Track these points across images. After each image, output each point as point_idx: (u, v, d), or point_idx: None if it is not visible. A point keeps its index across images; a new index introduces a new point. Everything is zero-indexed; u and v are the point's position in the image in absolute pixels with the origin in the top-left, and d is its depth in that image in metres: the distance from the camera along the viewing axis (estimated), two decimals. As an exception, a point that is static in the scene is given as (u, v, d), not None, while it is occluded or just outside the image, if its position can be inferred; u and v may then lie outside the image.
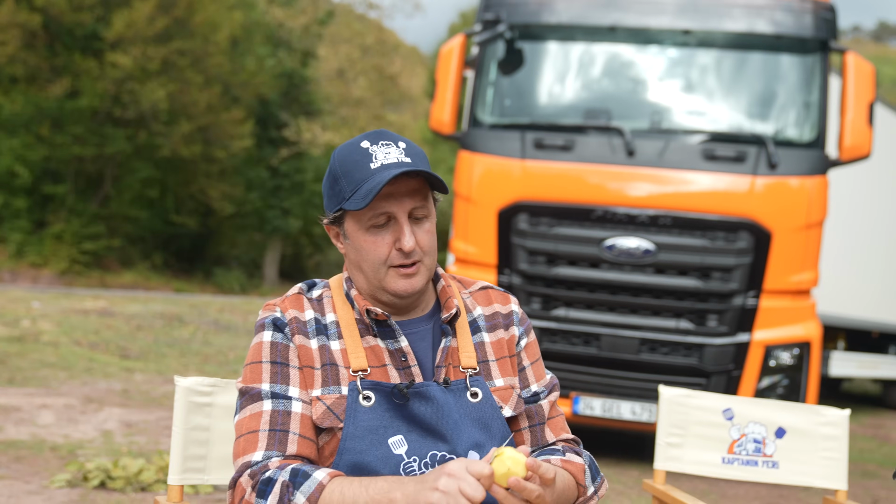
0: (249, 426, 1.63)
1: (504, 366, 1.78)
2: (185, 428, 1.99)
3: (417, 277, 1.71)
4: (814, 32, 6.26)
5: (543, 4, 6.61)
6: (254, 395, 1.66)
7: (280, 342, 1.69)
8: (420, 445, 1.63)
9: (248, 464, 1.59)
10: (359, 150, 1.69)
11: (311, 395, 1.66)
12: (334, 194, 1.72)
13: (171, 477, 2.00)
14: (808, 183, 6.13)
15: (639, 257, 6.13)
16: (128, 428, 6.47)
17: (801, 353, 6.16)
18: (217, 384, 2.06)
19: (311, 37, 29.66)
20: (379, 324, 1.72)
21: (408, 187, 1.68)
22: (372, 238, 1.69)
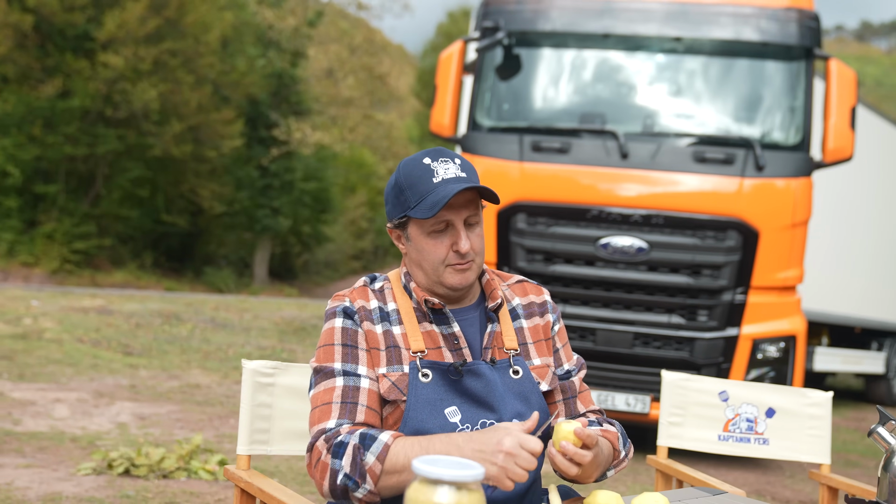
0: (324, 399, 1.90)
1: (540, 348, 2.07)
2: (251, 405, 2.26)
3: (470, 273, 1.98)
4: (799, 40, 6.55)
5: (540, 13, 6.88)
6: (327, 372, 1.92)
7: (350, 327, 1.96)
8: (471, 415, 1.91)
9: (323, 430, 1.86)
10: (421, 165, 1.96)
11: (377, 373, 1.92)
12: (399, 203, 1.98)
13: (240, 448, 2.27)
14: (793, 184, 6.42)
15: (632, 255, 6.41)
16: (141, 420, 6.71)
17: (786, 347, 6.46)
18: (278, 367, 2.33)
19: (301, 37, 29.83)
20: (434, 312, 1.99)
21: (464, 198, 1.95)
22: (432, 241, 1.96)
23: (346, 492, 1.80)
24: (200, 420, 6.93)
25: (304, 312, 17.56)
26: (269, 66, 28.87)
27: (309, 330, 14.71)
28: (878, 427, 1.85)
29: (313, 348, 12.59)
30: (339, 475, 1.78)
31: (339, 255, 43.89)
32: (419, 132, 46.01)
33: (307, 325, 15.14)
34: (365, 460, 1.76)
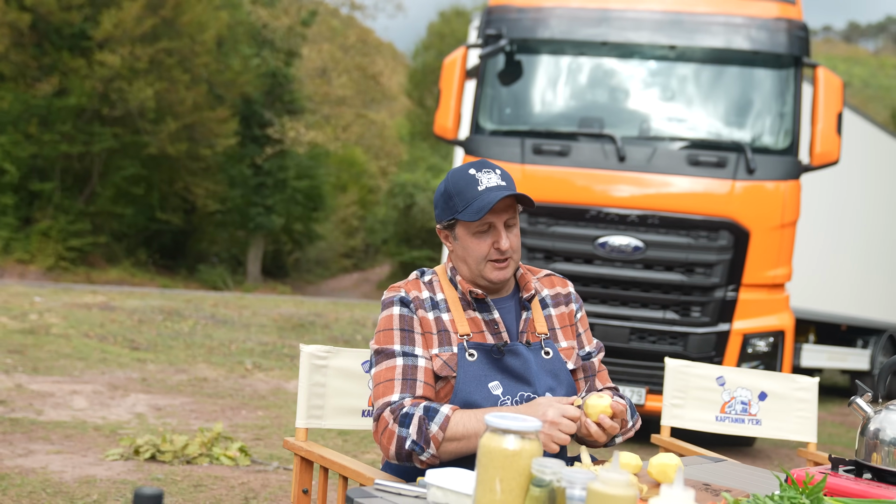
0: (386, 376, 2.20)
1: (566, 332, 2.38)
2: (308, 384, 2.55)
3: (508, 269, 2.31)
4: (788, 49, 6.87)
5: (540, 21, 7.18)
6: (388, 353, 2.22)
7: (406, 314, 2.26)
8: (511, 388, 2.21)
9: (388, 403, 2.16)
10: (467, 175, 2.27)
11: (430, 353, 2.23)
12: (448, 207, 2.29)
13: (298, 421, 2.56)
14: (782, 186, 6.73)
15: (629, 254, 6.72)
16: (157, 411, 6.98)
17: (775, 341, 6.78)
18: (331, 351, 2.63)
19: (295, 36, 30.08)
20: (477, 301, 2.31)
21: (504, 204, 2.26)
22: (477, 241, 2.27)
23: (410, 456, 2.10)
24: (213, 411, 7.21)
25: (301, 310, 17.81)
26: (264, 65, 29.11)
27: (307, 327, 14.97)
28: (856, 398, 2.15)
29: (313, 344, 12.86)
30: (407, 441, 2.09)
31: (331, 254, 44.12)
32: (410, 131, 46.31)
33: (305, 322, 15.40)
34: (429, 429, 2.07)
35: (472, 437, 2.04)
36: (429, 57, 43.97)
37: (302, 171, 32.49)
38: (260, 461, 5.50)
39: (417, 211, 34.52)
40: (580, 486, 1.43)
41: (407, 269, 37.42)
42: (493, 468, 1.50)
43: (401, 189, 34.92)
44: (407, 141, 44.04)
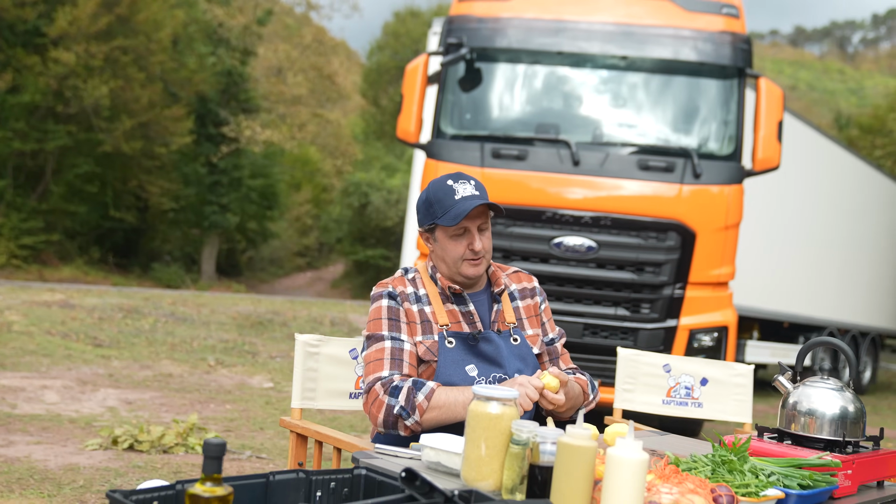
0: (376, 357, 2.52)
1: (532, 322, 2.72)
2: (302, 369, 2.86)
3: (481, 266, 2.65)
4: (732, 61, 7.28)
5: (499, 31, 7.52)
6: (377, 337, 2.54)
7: (393, 306, 2.58)
8: (485, 370, 2.55)
9: (379, 377, 2.49)
10: (445, 185, 2.61)
11: (415, 340, 2.55)
12: (428, 214, 2.63)
13: (294, 402, 2.87)
14: (726, 190, 7.15)
15: (583, 253, 7.08)
16: (128, 405, 7.20)
17: (719, 336, 7.20)
18: (322, 339, 2.93)
19: (251, 35, 30.14)
20: (455, 295, 2.64)
21: (477, 211, 2.60)
22: (454, 243, 2.61)
23: (397, 422, 2.43)
24: (183, 405, 7.44)
25: (259, 308, 17.98)
26: (219, 63, 29.14)
27: (266, 324, 15.17)
28: (779, 376, 2.51)
29: (273, 342, 13.11)
30: (395, 408, 2.42)
31: (284, 252, 44.13)
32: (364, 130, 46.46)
33: (263, 320, 15.60)
34: (416, 398, 2.41)
35: (451, 408, 2.38)
36: (383, 57, 44.16)
37: (257, 170, 32.56)
38: (233, 450, 5.76)
39: (372, 210, 34.71)
40: (551, 441, 1.76)
41: (361, 267, 37.64)
42: (480, 429, 1.83)
43: (356, 188, 35.10)
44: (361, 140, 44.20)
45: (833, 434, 2.28)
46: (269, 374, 9.94)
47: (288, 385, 9.23)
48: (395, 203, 34.27)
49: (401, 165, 39.54)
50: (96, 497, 4.50)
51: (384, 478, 1.85)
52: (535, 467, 1.78)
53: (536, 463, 1.78)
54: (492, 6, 7.60)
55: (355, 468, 1.91)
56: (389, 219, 34.28)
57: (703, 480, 1.82)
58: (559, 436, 1.74)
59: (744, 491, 1.88)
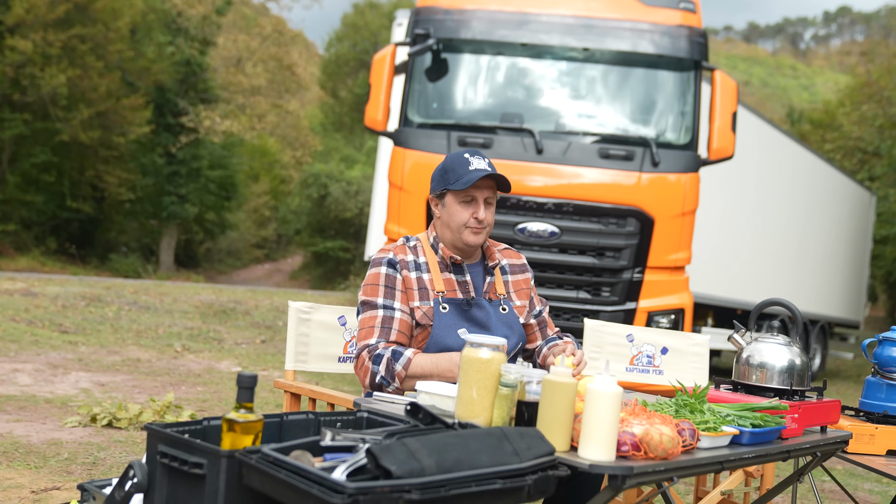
0: (368, 324, 2.75)
1: (520, 295, 2.99)
2: (295, 334, 3.06)
3: (482, 236, 2.89)
4: (689, 53, 7.58)
5: (465, 22, 7.73)
6: (372, 304, 2.76)
7: (391, 274, 2.81)
8: (476, 334, 2.76)
9: (367, 345, 2.71)
10: (462, 157, 2.85)
11: (411, 306, 2.78)
12: (442, 180, 2.86)
13: (287, 364, 3.07)
14: (683, 178, 7.44)
15: (546, 239, 7.34)
16: (101, 387, 7.32)
17: (676, 318, 7.49)
18: (313, 307, 3.14)
19: (210, 25, 30.02)
20: (454, 265, 2.87)
21: (486, 184, 2.84)
22: (461, 209, 2.84)
23: (380, 387, 2.65)
24: (154, 387, 7.57)
25: (221, 297, 18.05)
26: (178, 53, 29.01)
27: (228, 313, 15.26)
28: (734, 333, 2.76)
29: (237, 329, 13.23)
30: (378, 376, 2.65)
31: (242, 244, 43.99)
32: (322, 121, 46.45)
33: (227, 309, 15.69)
34: (395, 367, 2.65)
35: (426, 376, 2.61)
36: (342, 48, 44.23)
37: (215, 161, 32.47)
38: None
39: (331, 201, 34.73)
40: (536, 381, 1.99)
41: (320, 259, 37.68)
42: (472, 373, 2.05)
43: (315, 179, 35.09)
44: (319, 132, 44.20)
45: (782, 384, 2.54)
46: (236, 359, 10.09)
47: (256, 369, 9.39)
48: (354, 194, 34.35)
49: (360, 157, 39.63)
50: (82, 468, 4.65)
51: (385, 418, 2.06)
52: (522, 404, 2.00)
53: (523, 400, 2.01)
54: (458, -2, 7.82)
55: (357, 411, 2.13)
56: (349, 210, 34.33)
57: (668, 417, 2.06)
58: (543, 375, 1.96)
59: (704, 426, 2.13)
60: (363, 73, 41.86)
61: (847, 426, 2.89)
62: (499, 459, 1.66)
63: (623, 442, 1.92)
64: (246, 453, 1.62)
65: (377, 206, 11.30)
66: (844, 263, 17.04)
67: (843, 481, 6.10)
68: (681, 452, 2.02)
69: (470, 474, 1.58)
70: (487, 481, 1.61)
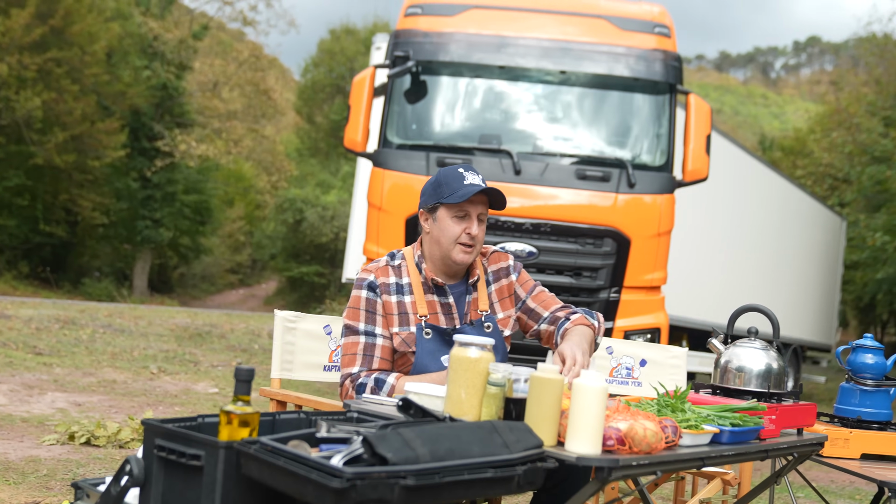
0: (350, 350, 2.79)
1: (504, 304, 2.99)
2: (281, 342, 3.09)
3: (471, 255, 2.87)
4: (664, 77, 7.71)
5: (444, 45, 7.83)
6: (354, 329, 2.80)
7: (372, 298, 2.83)
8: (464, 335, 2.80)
9: (349, 373, 2.76)
10: (456, 172, 2.85)
11: (391, 332, 2.80)
12: (435, 193, 2.85)
13: (273, 373, 3.10)
14: (659, 199, 7.55)
15: (524, 259, 7.40)
16: (78, 406, 7.28)
17: (652, 337, 7.57)
18: (299, 316, 3.18)
19: (186, 49, 30.06)
20: (436, 287, 2.87)
21: (480, 199, 2.85)
22: (454, 223, 2.83)
23: None
24: (132, 407, 7.54)
25: (196, 321, 17.97)
26: (154, 77, 29.00)
27: (204, 336, 15.20)
28: (712, 339, 2.83)
29: (212, 352, 13.18)
30: None
31: (216, 269, 43.82)
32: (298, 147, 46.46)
33: (202, 332, 15.62)
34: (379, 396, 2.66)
35: None
36: (318, 74, 44.35)
37: (190, 185, 32.41)
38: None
39: (307, 226, 34.74)
40: (524, 378, 2.04)
41: (295, 283, 37.61)
42: (461, 371, 2.10)
43: (290, 204, 35.10)
44: (294, 157, 44.20)
45: (759, 387, 2.61)
46: (212, 380, 10.06)
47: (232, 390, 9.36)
48: (329, 219, 34.38)
49: (336, 182, 39.67)
50: (61, 484, 4.63)
51: (375, 417, 2.10)
52: (510, 401, 2.05)
53: (511, 397, 2.06)
54: (437, 21, 7.91)
55: (348, 411, 2.17)
56: (324, 235, 34.34)
57: (652, 414, 2.12)
58: (531, 372, 2.02)
59: (686, 424, 2.19)
60: (339, 99, 42.01)
61: (822, 430, 2.97)
62: (489, 450, 1.71)
63: (608, 436, 1.98)
64: (245, 444, 1.66)
65: (355, 227, 11.33)
66: (816, 287, 17.26)
67: (816, 498, 6.17)
68: (664, 448, 2.08)
69: (462, 463, 1.63)
70: (479, 470, 1.66)
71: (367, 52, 42.22)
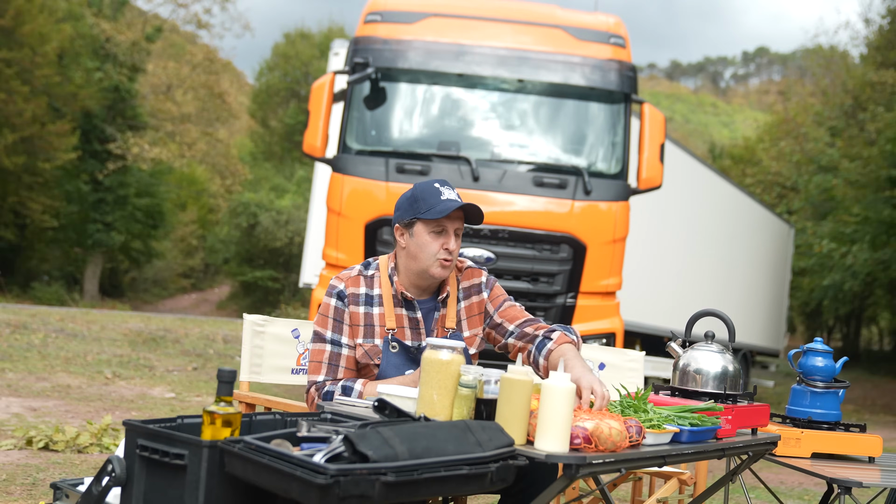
0: (317, 357, 2.85)
1: (472, 322, 3.02)
2: (249, 346, 3.14)
3: (448, 270, 2.90)
4: (619, 87, 7.87)
5: (403, 53, 7.91)
6: (321, 337, 2.86)
7: (339, 307, 2.88)
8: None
9: (314, 381, 2.83)
10: (432, 187, 2.88)
11: (356, 342, 2.85)
12: (411, 208, 2.88)
13: (242, 376, 3.15)
14: (614, 206, 7.70)
15: (482, 264, 7.46)
16: (33, 412, 7.22)
17: (608, 342, 7.71)
18: (267, 320, 3.22)
19: (139, 51, 29.77)
20: (406, 301, 2.92)
21: (457, 215, 2.88)
22: (431, 239, 2.85)
23: None
24: (88, 412, 7.49)
25: (150, 325, 17.79)
26: (107, 79, 28.68)
27: (158, 341, 15.08)
28: (671, 342, 2.94)
29: (167, 357, 13.10)
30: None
31: (168, 273, 43.41)
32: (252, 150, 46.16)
33: (156, 337, 15.50)
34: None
35: None
36: (273, 78, 44.11)
37: (143, 189, 32.08)
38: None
39: (261, 230, 34.53)
40: (494, 379, 2.12)
41: (249, 288, 37.37)
42: (433, 373, 2.17)
43: (244, 208, 34.88)
44: (248, 161, 43.92)
45: (716, 388, 2.72)
46: (168, 385, 10.00)
47: (190, 395, 9.33)
48: (284, 224, 34.22)
49: (290, 186, 39.50)
50: (21, 489, 4.62)
51: (348, 418, 2.17)
52: (481, 402, 2.13)
53: (482, 398, 2.14)
54: (396, 28, 7.99)
55: (322, 412, 2.23)
56: (278, 240, 34.18)
57: (617, 415, 2.21)
58: (501, 374, 2.10)
59: (648, 424, 2.28)
60: (294, 103, 41.85)
61: (775, 430, 3.09)
62: (463, 448, 1.79)
63: (575, 435, 2.07)
64: (229, 442, 1.72)
65: (312, 231, 11.36)
66: (765, 294, 17.62)
67: (769, 498, 6.34)
68: (627, 447, 2.17)
69: (439, 460, 1.70)
70: (455, 467, 1.73)
71: (323, 56, 42.15)
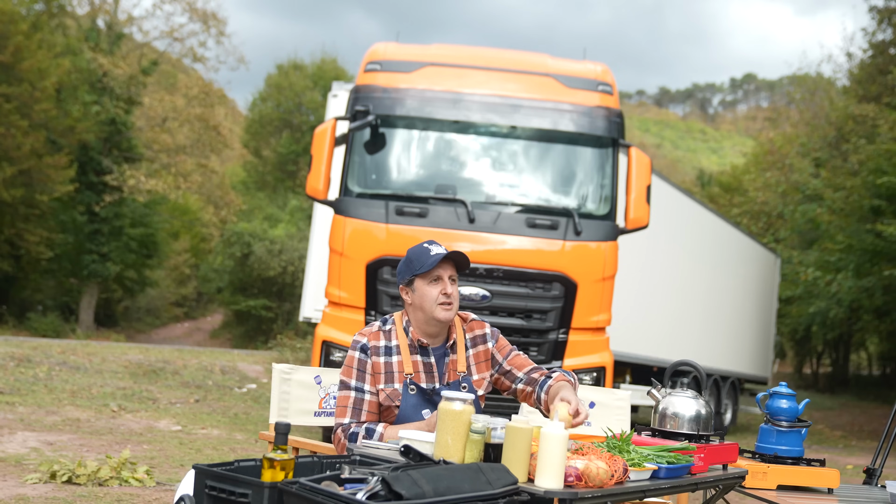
0: (343, 402, 3.25)
1: (480, 367, 3.42)
2: (278, 391, 3.52)
3: (452, 311, 3.32)
4: (607, 132, 8.30)
5: (401, 101, 8.33)
6: (346, 385, 3.26)
7: (363, 359, 3.29)
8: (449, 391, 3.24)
9: (341, 423, 3.22)
10: (422, 247, 3.34)
11: (377, 388, 3.25)
12: (408, 269, 3.33)
13: (271, 418, 3.52)
14: (603, 246, 8.10)
15: (478, 301, 7.88)
16: (50, 446, 7.55)
17: (598, 376, 8.10)
18: (294, 369, 3.60)
19: (136, 84, 30.23)
20: (421, 348, 3.33)
21: (447, 264, 3.33)
22: (430, 288, 3.28)
23: None
24: (101, 445, 7.82)
25: (149, 357, 18.09)
26: (103, 112, 29.11)
27: (158, 373, 15.40)
28: (652, 389, 3.33)
29: (168, 389, 13.42)
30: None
31: (161, 302, 43.63)
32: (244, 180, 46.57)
33: (155, 368, 15.81)
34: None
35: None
36: (266, 108, 44.63)
37: (137, 219, 32.44)
38: (164, 482, 6.26)
39: (254, 260, 34.82)
40: (500, 427, 2.50)
41: (242, 317, 37.64)
42: (448, 421, 2.55)
43: (238, 238, 35.19)
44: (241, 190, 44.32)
45: (691, 429, 3.10)
46: (173, 418, 10.33)
47: (195, 428, 9.67)
48: (277, 253, 34.54)
49: (283, 216, 39.90)
50: (53, 521, 4.96)
51: (375, 460, 2.55)
52: (489, 446, 2.52)
53: (489, 442, 2.52)
54: (395, 77, 8.42)
55: (351, 455, 2.61)
56: (272, 269, 34.46)
57: (604, 455, 2.60)
58: (507, 422, 2.49)
59: (631, 462, 2.67)
60: (286, 133, 42.37)
61: (744, 465, 3.47)
62: (477, 487, 2.17)
63: (569, 474, 2.45)
64: (287, 483, 2.09)
65: (312, 267, 11.72)
66: (752, 323, 18.03)
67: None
68: (613, 483, 2.55)
69: (458, 497, 2.07)
70: (471, 503, 2.11)
71: (315, 87, 42.76)
